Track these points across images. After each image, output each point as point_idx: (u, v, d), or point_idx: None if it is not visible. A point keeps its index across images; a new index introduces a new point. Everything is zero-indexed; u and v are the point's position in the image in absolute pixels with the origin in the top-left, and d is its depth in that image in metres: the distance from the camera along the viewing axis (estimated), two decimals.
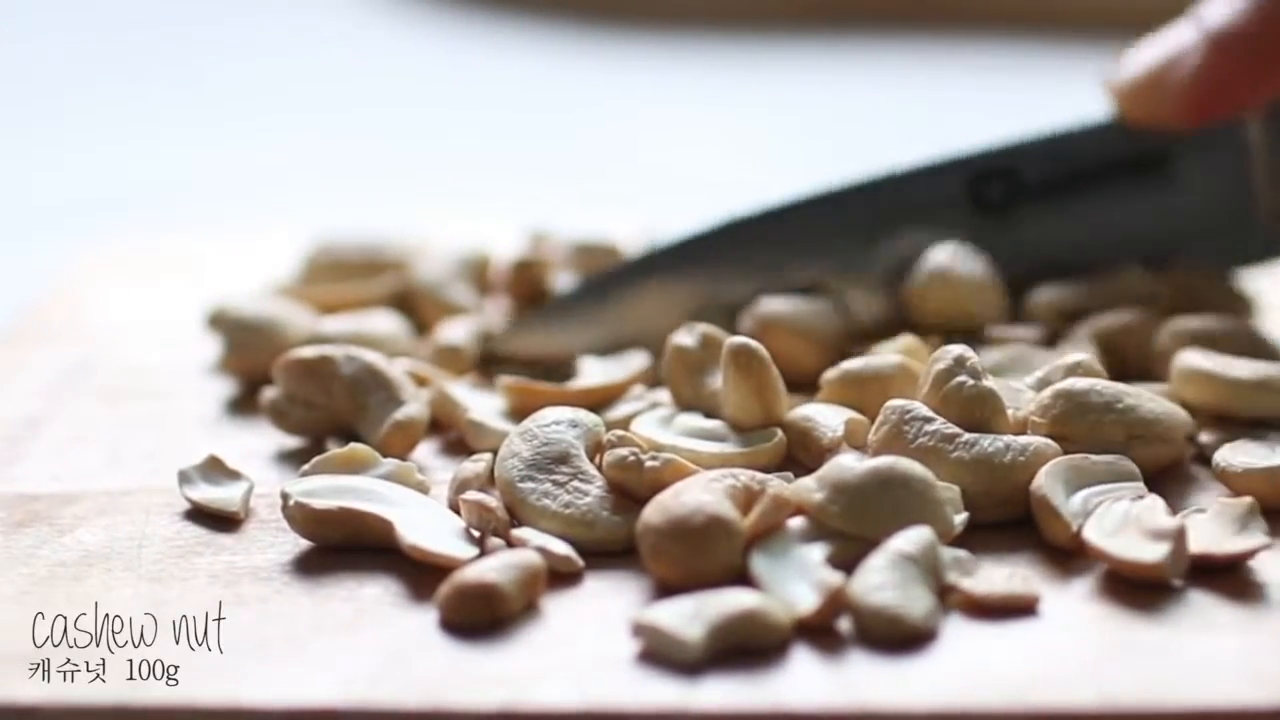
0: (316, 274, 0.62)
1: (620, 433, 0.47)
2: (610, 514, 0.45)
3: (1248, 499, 0.45)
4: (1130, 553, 0.42)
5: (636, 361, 0.54)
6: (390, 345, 0.55)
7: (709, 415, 0.50)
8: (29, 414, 0.54)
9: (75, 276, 0.67)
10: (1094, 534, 0.43)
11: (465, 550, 0.44)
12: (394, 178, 0.91)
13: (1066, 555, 0.44)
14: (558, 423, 0.47)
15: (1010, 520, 0.45)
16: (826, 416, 0.49)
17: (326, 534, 0.45)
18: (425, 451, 0.51)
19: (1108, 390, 0.47)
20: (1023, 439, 0.46)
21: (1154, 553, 0.42)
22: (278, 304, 0.58)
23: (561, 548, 0.44)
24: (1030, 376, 0.50)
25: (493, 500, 0.45)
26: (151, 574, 0.44)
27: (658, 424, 0.50)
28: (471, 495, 0.45)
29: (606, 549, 0.45)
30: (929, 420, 0.46)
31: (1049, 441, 0.46)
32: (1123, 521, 0.44)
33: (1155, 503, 0.44)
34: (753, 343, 0.49)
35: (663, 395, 0.52)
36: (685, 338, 0.51)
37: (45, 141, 0.97)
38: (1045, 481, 0.44)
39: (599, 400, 0.52)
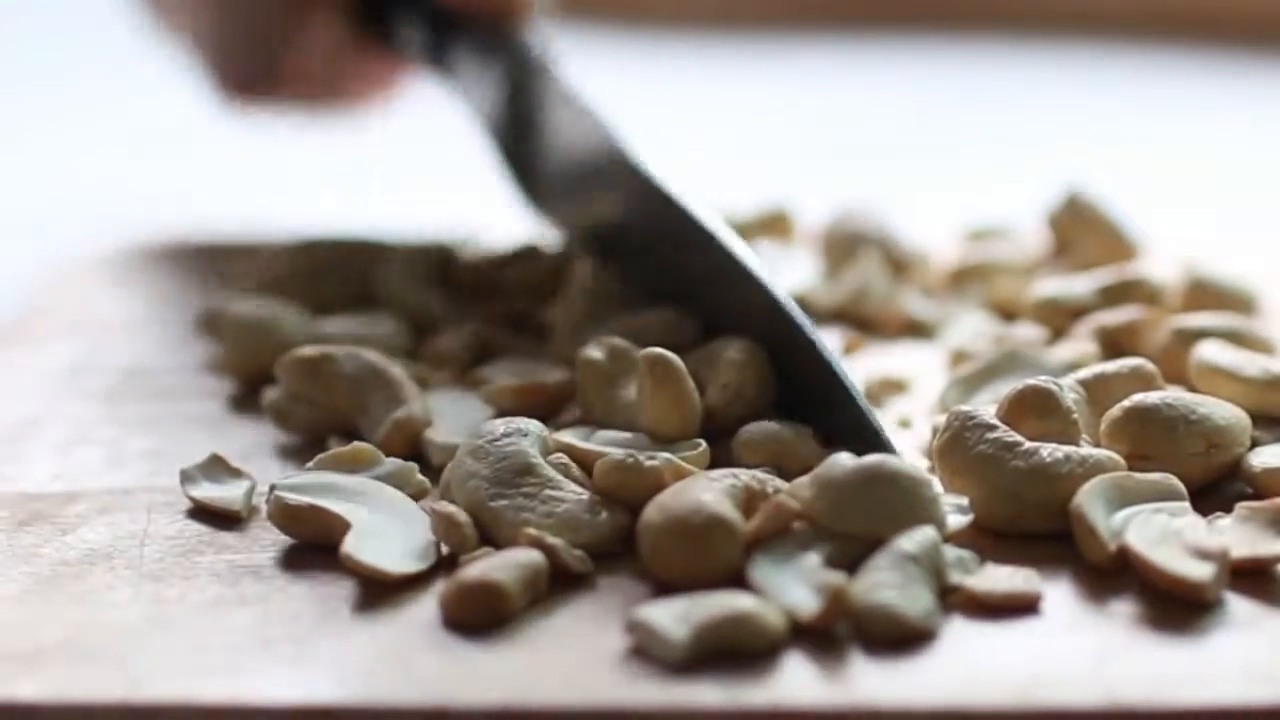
0: (315, 272, 0.62)
1: (561, 457, 0.46)
2: (591, 516, 0.45)
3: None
4: (1175, 568, 0.42)
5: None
6: (390, 345, 0.55)
7: (623, 429, 0.49)
8: (29, 414, 0.54)
9: (75, 276, 0.67)
10: (1136, 543, 0.43)
11: (403, 565, 0.43)
12: (395, 177, 0.91)
13: (1071, 555, 0.44)
14: (508, 435, 0.46)
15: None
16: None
17: (299, 530, 0.45)
18: None
19: (1178, 402, 0.47)
20: (1084, 450, 0.45)
21: (1201, 571, 0.42)
22: (276, 303, 0.58)
23: (584, 559, 0.43)
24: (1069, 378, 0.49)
25: (462, 515, 0.44)
26: (153, 573, 0.44)
27: (580, 438, 0.48)
28: (441, 506, 0.44)
29: (594, 551, 0.44)
30: (991, 428, 0.46)
31: (1111, 454, 0.45)
32: (1163, 534, 0.43)
33: (1196, 520, 0.44)
34: (668, 353, 0.48)
35: None
36: (594, 351, 0.51)
37: (45, 142, 0.97)
38: (1085, 499, 0.44)
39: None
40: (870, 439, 0.47)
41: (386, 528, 0.44)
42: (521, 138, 0.62)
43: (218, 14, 0.67)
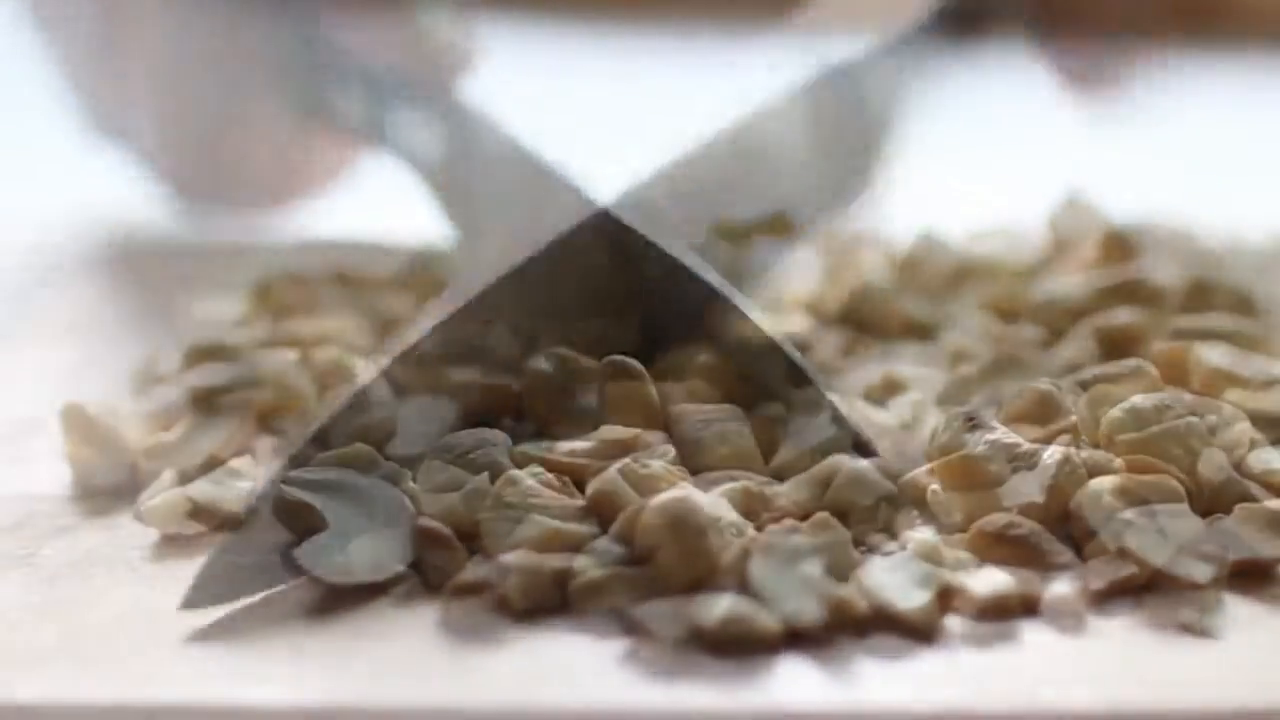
0: (302, 273, 0.62)
1: (534, 466, 0.46)
2: (581, 522, 0.44)
3: None
4: (1177, 569, 0.42)
5: None
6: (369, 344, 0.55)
7: (579, 438, 0.48)
8: (29, 414, 0.54)
9: (74, 276, 0.67)
10: (1136, 544, 0.43)
11: (351, 575, 0.43)
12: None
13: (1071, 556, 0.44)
14: (480, 447, 0.46)
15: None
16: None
17: (294, 525, 0.45)
18: None
19: (1178, 403, 0.47)
20: (1083, 452, 0.45)
21: (1203, 573, 0.42)
22: (250, 307, 0.58)
23: (587, 562, 0.43)
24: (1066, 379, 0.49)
25: (446, 530, 0.44)
26: (153, 574, 0.44)
27: (541, 449, 0.48)
28: (426, 523, 0.44)
29: (589, 553, 0.44)
30: (990, 429, 0.46)
31: (1110, 456, 0.45)
32: (1162, 536, 0.43)
33: (1196, 521, 0.44)
34: (631, 360, 0.48)
35: None
36: (541, 362, 0.50)
37: (45, 141, 0.97)
38: (1084, 501, 0.44)
39: None
40: (849, 440, 0.47)
41: (359, 534, 0.44)
42: (467, 195, 0.61)
43: (160, 123, 0.67)
